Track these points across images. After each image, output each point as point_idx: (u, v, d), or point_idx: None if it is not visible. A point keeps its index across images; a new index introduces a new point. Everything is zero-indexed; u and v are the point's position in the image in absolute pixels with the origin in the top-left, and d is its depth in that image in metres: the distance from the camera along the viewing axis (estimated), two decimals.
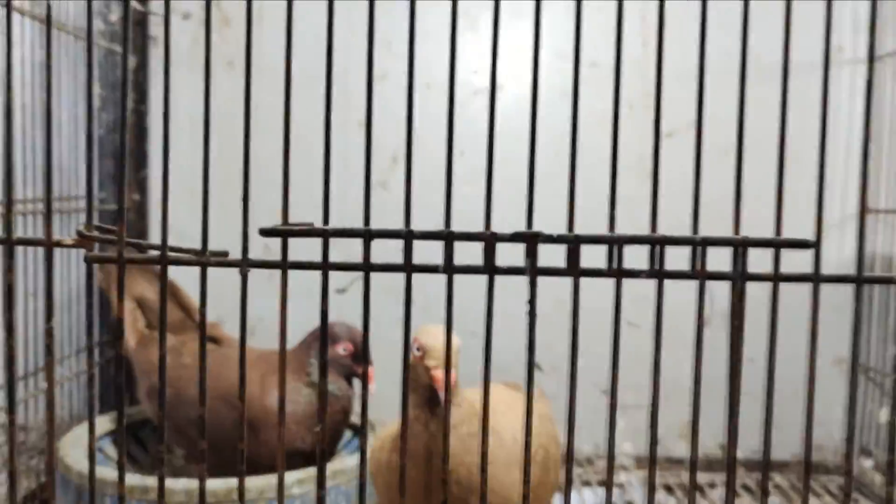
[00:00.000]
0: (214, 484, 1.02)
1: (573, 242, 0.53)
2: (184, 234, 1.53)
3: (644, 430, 1.52)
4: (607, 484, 0.58)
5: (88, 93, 0.56)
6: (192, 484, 1.03)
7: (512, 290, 1.50)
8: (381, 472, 0.95)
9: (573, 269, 0.54)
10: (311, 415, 1.14)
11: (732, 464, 0.58)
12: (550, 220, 0.60)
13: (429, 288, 1.17)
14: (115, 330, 0.56)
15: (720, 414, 1.73)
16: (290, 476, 1.05)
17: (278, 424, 0.53)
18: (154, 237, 1.56)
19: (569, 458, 0.56)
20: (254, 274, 1.48)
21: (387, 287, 1.52)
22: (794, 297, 1.58)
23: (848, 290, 1.64)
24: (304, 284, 1.53)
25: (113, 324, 1.31)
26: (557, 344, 1.53)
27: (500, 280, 0.63)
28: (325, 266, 0.55)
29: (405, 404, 0.60)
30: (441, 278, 0.62)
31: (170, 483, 1.03)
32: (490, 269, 0.55)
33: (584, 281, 0.56)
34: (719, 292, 1.58)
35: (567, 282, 0.58)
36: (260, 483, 1.04)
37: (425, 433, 0.88)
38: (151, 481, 1.03)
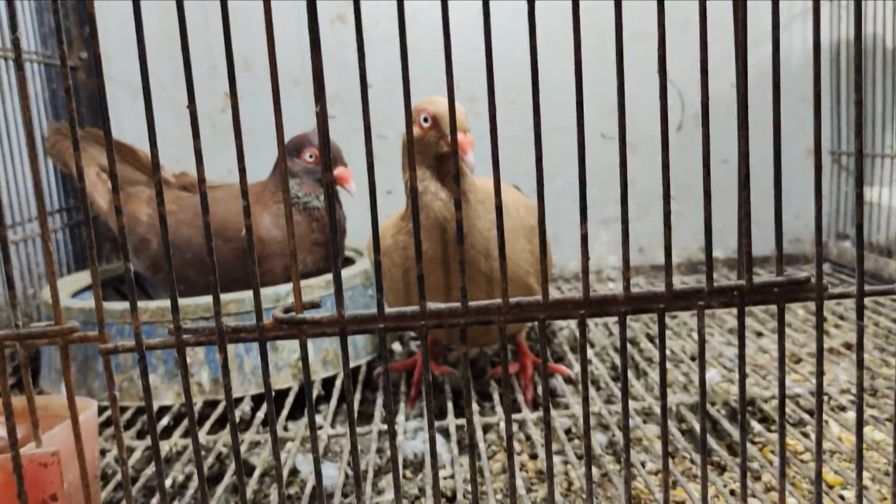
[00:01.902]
0: (209, 298, 1.00)
1: None
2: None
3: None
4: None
5: None
6: (183, 302, 1.00)
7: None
8: (387, 255, 0.93)
9: None
10: (304, 234, 1.11)
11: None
12: None
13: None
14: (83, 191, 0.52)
15: (699, 218, 1.74)
16: (286, 287, 1.04)
17: (289, 253, 0.49)
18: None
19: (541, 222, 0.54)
20: (220, 127, 1.44)
21: (358, 126, 1.49)
22: (761, 92, 1.58)
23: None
24: (271, 132, 1.48)
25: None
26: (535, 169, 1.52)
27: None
28: None
29: (412, 162, 0.56)
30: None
31: (162, 303, 1.01)
32: None
33: (558, 87, 0.53)
34: (689, 95, 1.58)
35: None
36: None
37: (436, 202, 0.86)
38: (139, 304, 1.01)
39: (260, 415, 0.96)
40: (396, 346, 1.23)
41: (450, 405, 0.96)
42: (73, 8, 1.41)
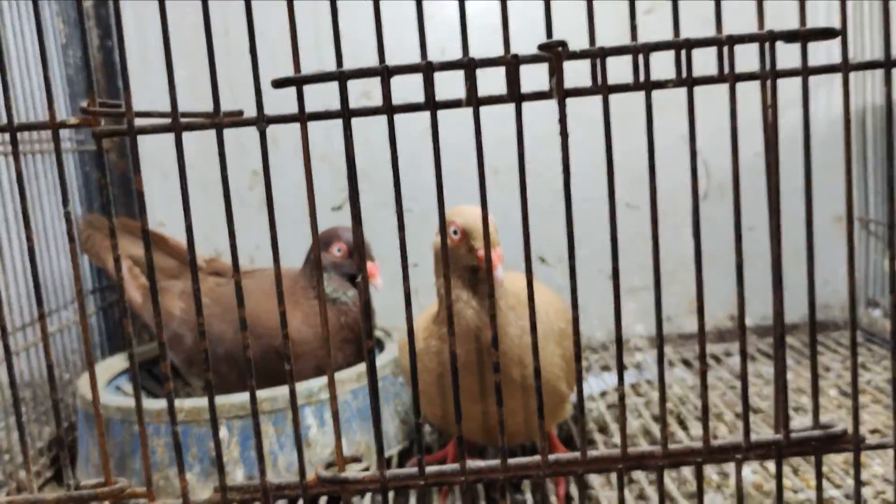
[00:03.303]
0: (244, 397, 1.02)
1: (598, 55, 0.52)
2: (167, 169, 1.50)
3: (654, 309, 1.52)
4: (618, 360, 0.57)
5: None
6: (218, 399, 1.02)
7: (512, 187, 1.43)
8: (419, 359, 0.94)
9: (601, 85, 0.53)
10: (334, 332, 1.11)
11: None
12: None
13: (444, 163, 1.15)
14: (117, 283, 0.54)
15: (728, 285, 1.73)
16: (318, 382, 1.05)
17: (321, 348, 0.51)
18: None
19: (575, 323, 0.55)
20: (248, 204, 1.46)
21: (385, 200, 1.50)
22: (791, 156, 1.57)
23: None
24: (299, 207, 1.49)
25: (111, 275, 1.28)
26: (562, 235, 1.52)
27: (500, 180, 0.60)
28: (346, 113, 0.53)
29: (446, 269, 0.58)
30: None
31: (198, 402, 1.03)
32: (516, 95, 0.53)
33: (585, 159, 0.54)
34: (714, 163, 1.58)
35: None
36: (285, 392, 1.04)
37: (468, 310, 0.88)
38: (178, 402, 1.02)
39: None
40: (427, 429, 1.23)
41: None
42: (104, 89, 1.45)
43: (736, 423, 1.15)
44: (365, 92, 1.50)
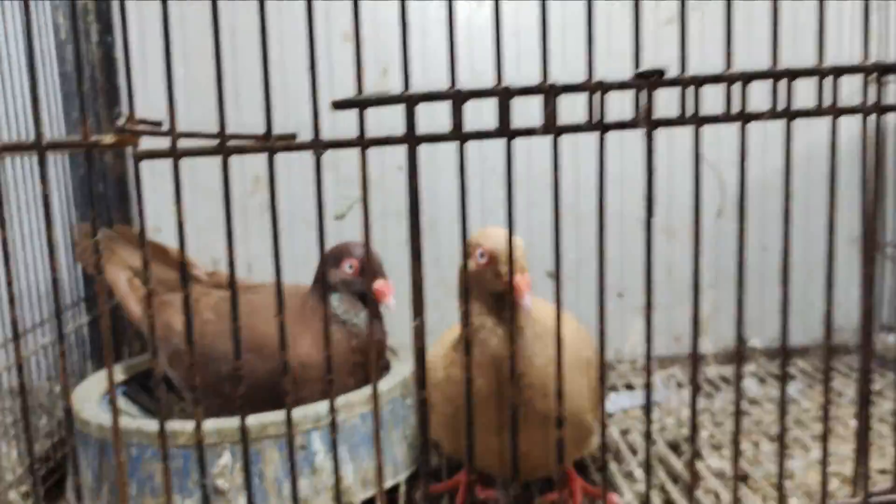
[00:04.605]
0: (249, 421, 0.96)
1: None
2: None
3: (664, 330, 1.49)
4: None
5: None
6: (220, 423, 0.97)
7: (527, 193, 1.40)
8: (438, 388, 0.90)
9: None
10: (345, 355, 1.06)
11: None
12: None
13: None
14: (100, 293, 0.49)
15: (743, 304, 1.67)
16: (326, 405, 1.00)
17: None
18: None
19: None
20: (248, 213, 1.40)
21: (392, 210, 1.46)
22: (803, 179, 1.53)
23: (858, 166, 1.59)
24: (300, 215, 1.44)
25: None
26: (569, 251, 1.48)
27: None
28: (410, 139, 0.48)
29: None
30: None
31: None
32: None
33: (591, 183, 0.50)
34: (730, 178, 1.54)
35: (573, 182, 0.52)
36: (293, 416, 0.98)
37: (493, 339, 0.84)
38: (176, 426, 0.97)
39: None
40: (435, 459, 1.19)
41: None
42: (101, 88, 1.38)
43: (748, 453, 1.12)
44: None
